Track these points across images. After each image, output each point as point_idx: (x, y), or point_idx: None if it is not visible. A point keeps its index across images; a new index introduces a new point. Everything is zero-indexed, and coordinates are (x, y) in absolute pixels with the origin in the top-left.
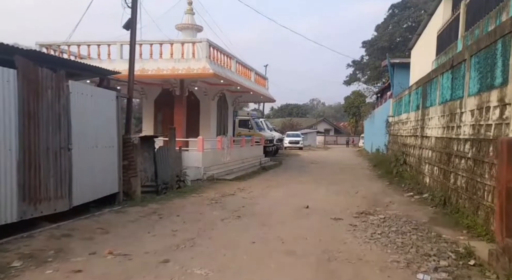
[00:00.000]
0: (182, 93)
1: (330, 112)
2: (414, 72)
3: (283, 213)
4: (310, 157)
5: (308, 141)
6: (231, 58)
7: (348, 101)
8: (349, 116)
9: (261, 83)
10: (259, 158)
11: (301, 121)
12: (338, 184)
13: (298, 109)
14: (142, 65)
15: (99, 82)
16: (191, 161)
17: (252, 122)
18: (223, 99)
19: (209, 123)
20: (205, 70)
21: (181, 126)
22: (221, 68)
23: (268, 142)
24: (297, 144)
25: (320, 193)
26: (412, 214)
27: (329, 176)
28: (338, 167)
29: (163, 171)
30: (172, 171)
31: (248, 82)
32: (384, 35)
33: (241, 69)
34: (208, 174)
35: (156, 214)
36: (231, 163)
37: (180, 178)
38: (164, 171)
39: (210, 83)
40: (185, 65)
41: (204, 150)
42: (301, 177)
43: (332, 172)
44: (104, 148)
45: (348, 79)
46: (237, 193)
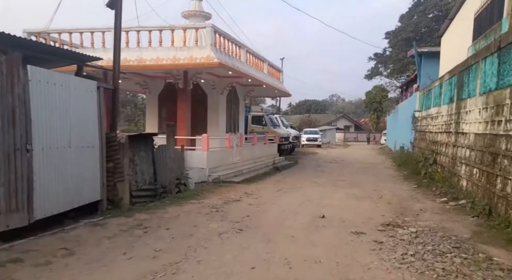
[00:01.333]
0: (186, 86)
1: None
2: (445, 61)
3: (294, 224)
4: (328, 155)
5: (327, 138)
6: (241, 47)
7: (369, 96)
8: (370, 112)
9: (276, 76)
10: (272, 157)
11: (320, 117)
12: (359, 187)
13: (317, 105)
14: (140, 54)
15: (76, 70)
16: (195, 161)
17: (266, 118)
18: (233, 93)
19: (217, 120)
20: (209, 59)
21: (185, 123)
22: (228, 58)
23: (283, 139)
24: (315, 141)
25: (339, 198)
26: (450, 227)
27: (349, 177)
28: (359, 166)
29: (163, 173)
30: (171, 174)
31: (260, 74)
32: (408, 25)
33: (252, 59)
34: (214, 176)
35: (141, 227)
36: (240, 163)
37: (180, 181)
38: (162, 173)
39: (218, 75)
40: (187, 54)
41: (209, 149)
42: (317, 178)
43: (352, 172)
44: (80, 148)
45: (370, 73)
46: (243, 199)
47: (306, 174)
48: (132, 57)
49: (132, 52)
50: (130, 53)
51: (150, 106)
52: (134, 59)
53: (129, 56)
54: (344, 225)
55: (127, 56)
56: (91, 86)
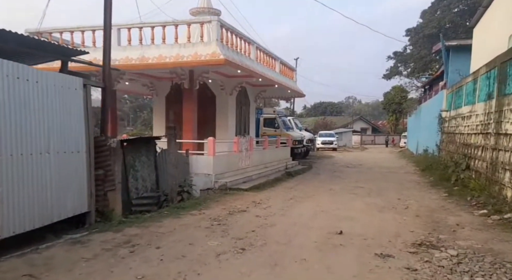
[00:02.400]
0: (192, 87)
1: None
2: (478, 54)
3: (307, 242)
4: (345, 159)
5: (343, 141)
6: (250, 44)
7: (387, 97)
8: (389, 113)
9: (289, 75)
10: (285, 161)
11: (336, 119)
12: (380, 195)
13: (332, 107)
14: (142, 53)
15: (61, 66)
16: (201, 167)
17: (279, 120)
18: (244, 94)
19: (226, 122)
20: (215, 55)
21: (191, 126)
22: (236, 55)
23: (297, 143)
24: (331, 144)
25: (358, 208)
26: (500, 249)
27: (368, 184)
28: (378, 171)
29: (165, 180)
30: (172, 181)
31: (272, 73)
32: (431, 21)
33: (263, 57)
34: (220, 183)
35: (128, 244)
36: (250, 168)
37: (183, 189)
38: (165, 180)
39: (227, 75)
40: (191, 51)
41: (215, 153)
42: (333, 185)
43: (372, 178)
44: (62, 154)
45: (389, 72)
46: (250, 209)
47: (321, 180)
48: (134, 55)
49: (134, 50)
50: (132, 51)
51: (157, 108)
52: (136, 58)
53: (131, 54)
54: (366, 245)
55: (129, 54)
56: (76, 83)
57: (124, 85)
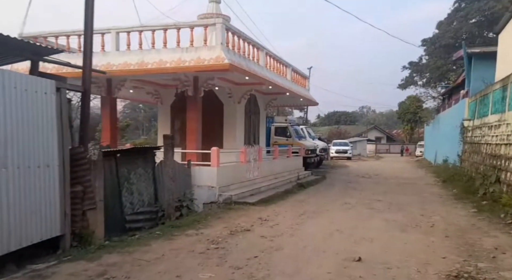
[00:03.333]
0: (196, 94)
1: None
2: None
3: (319, 273)
4: (360, 168)
5: (357, 150)
6: (259, 49)
7: (402, 107)
8: (403, 122)
9: (301, 83)
10: (296, 172)
11: (350, 128)
12: (400, 210)
13: (346, 117)
14: (141, 58)
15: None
16: (204, 179)
17: (291, 129)
18: (253, 102)
19: (234, 131)
20: (219, 60)
21: (195, 135)
22: (243, 60)
23: (310, 152)
24: (345, 153)
25: (377, 227)
26: None
27: (387, 196)
28: (396, 182)
29: (164, 194)
30: (170, 195)
31: (283, 81)
32: (447, 31)
33: (274, 64)
34: (225, 196)
35: (102, 278)
36: (258, 179)
37: (182, 204)
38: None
39: (234, 82)
40: (194, 56)
41: (220, 164)
42: (348, 198)
43: (390, 189)
44: (25, 169)
45: (404, 82)
46: (255, 228)
47: (335, 192)
48: (133, 60)
49: (133, 55)
50: (131, 56)
51: (162, 117)
52: (135, 63)
53: (130, 59)
54: (392, 277)
55: (128, 59)
56: (46, 86)
57: (128, 93)
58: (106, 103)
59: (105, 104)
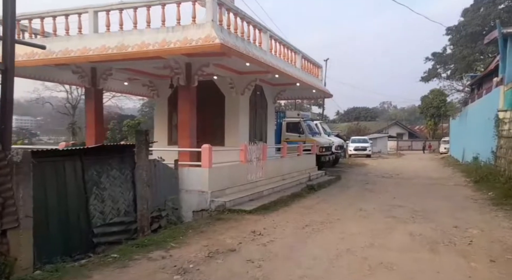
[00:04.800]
0: (189, 83)
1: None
2: None
3: None
4: (380, 167)
5: (377, 147)
6: (262, 31)
7: (425, 101)
8: (426, 118)
9: (313, 73)
10: (308, 172)
11: (370, 125)
12: (427, 219)
13: (366, 113)
14: (121, 40)
15: None
16: (193, 182)
17: (303, 125)
18: (260, 94)
19: (237, 127)
20: (209, 39)
21: (187, 130)
22: (241, 42)
23: (324, 149)
24: (364, 151)
25: (399, 244)
26: None
27: (410, 201)
28: (420, 183)
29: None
30: (143, 203)
31: (291, 69)
32: (474, 18)
33: (281, 49)
34: (218, 202)
35: None
36: (262, 181)
37: (161, 214)
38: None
39: (236, 71)
40: (180, 36)
41: (213, 165)
42: (365, 203)
43: (414, 192)
44: None
45: (427, 75)
46: (243, 246)
47: (349, 196)
48: (111, 43)
49: (112, 38)
50: (110, 39)
51: (158, 111)
52: (113, 46)
53: (109, 42)
54: None
55: (106, 42)
56: None
57: (123, 86)
58: (90, 96)
59: (89, 97)
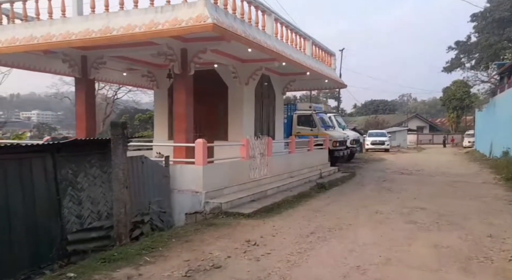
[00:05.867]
0: (185, 71)
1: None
2: None
3: None
4: (398, 162)
5: (396, 141)
6: (265, 13)
7: (447, 93)
8: (449, 110)
9: (325, 61)
10: (319, 168)
11: (389, 118)
12: (455, 225)
13: (385, 105)
14: (106, 23)
15: None
16: (187, 181)
17: (316, 118)
18: (266, 85)
19: (240, 120)
20: (200, 19)
21: (183, 124)
22: (240, 24)
23: (338, 144)
24: (382, 145)
25: (421, 260)
26: None
27: (433, 202)
28: (444, 180)
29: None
30: (120, 207)
31: (299, 56)
32: (502, 3)
33: (287, 34)
34: (213, 204)
35: None
36: (266, 179)
37: (143, 219)
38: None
39: (238, 58)
40: (169, 16)
41: (207, 162)
42: (381, 204)
43: (437, 191)
44: None
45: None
46: (232, 262)
47: (363, 196)
48: (96, 26)
49: (97, 21)
50: (95, 22)
51: (158, 103)
52: (97, 29)
53: (93, 25)
54: None
55: (91, 25)
56: None
57: (122, 77)
58: (81, 86)
59: (80, 88)
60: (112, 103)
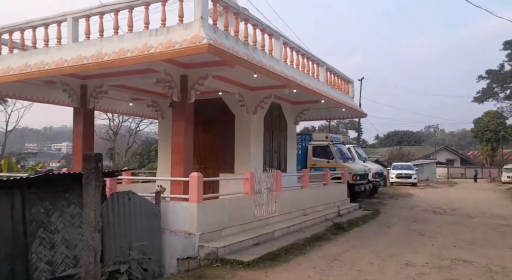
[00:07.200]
0: (184, 99)
1: (452, 140)
2: None
3: None
4: (429, 199)
5: (424, 175)
6: (272, 36)
7: (479, 124)
8: (482, 142)
9: (342, 88)
10: (336, 205)
11: (414, 150)
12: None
13: (410, 137)
14: (100, 48)
15: None
16: (179, 220)
17: (333, 148)
18: (277, 114)
19: (248, 150)
20: (195, 39)
21: (181, 155)
22: (243, 47)
23: (359, 177)
24: (409, 178)
25: None
26: None
27: (479, 253)
28: (487, 223)
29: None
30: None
31: (312, 82)
32: None
33: (297, 59)
34: (209, 249)
35: None
36: (274, 218)
37: (119, 270)
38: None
39: (245, 85)
40: (163, 39)
41: (202, 199)
42: (413, 254)
43: (481, 237)
44: None
45: (480, 95)
46: None
47: (390, 241)
48: (88, 52)
49: (91, 47)
50: (89, 48)
51: (163, 134)
52: (90, 56)
53: (86, 51)
54: None
55: (84, 52)
56: None
57: (127, 107)
58: (79, 116)
59: (78, 118)
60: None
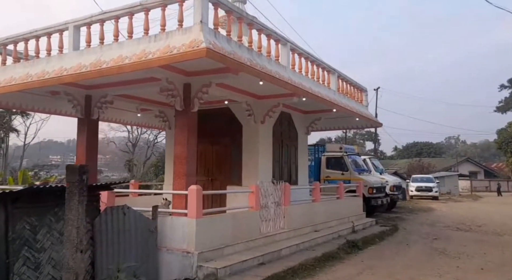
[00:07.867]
0: (187, 109)
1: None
2: None
3: None
4: (451, 214)
5: (446, 188)
6: (279, 42)
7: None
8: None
9: (355, 97)
10: (351, 220)
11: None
12: None
13: (429, 148)
14: (99, 56)
15: None
16: (177, 238)
17: (347, 160)
18: (287, 124)
19: (255, 162)
20: (194, 44)
21: (184, 167)
22: (246, 52)
23: (375, 190)
24: (429, 191)
25: None
26: None
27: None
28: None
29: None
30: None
31: (322, 90)
32: None
33: (306, 65)
34: (208, 269)
35: None
36: (283, 235)
37: None
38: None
39: (253, 94)
40: (162, 44)
41: (201, 214)
42: (436, 278)
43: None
44: None
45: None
46: None
47: (408, 261)
48: (88, 60)
49: (91, 54)
50: (89, 56)
51: (170, 145)
52: (89, 63)
53: (86, 60)
54: None
55: (84, 60)
56: None
57: (135, 117)
58: (83, 127)
59: (82, 128)
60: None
